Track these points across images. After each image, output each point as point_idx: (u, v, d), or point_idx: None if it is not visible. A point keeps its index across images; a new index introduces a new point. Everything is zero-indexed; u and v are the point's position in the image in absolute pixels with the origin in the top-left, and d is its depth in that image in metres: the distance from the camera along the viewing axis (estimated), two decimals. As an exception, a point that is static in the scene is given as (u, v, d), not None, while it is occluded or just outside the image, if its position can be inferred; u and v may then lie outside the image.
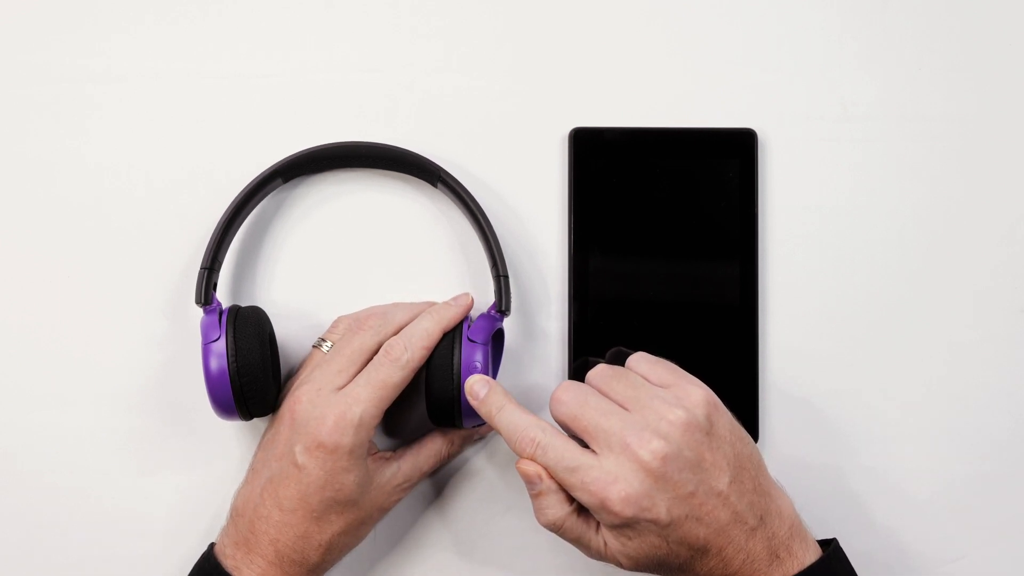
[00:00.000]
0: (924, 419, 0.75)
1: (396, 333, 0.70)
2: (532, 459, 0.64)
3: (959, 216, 0.76)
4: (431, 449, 0.73)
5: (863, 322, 0.76)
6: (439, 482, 0.76)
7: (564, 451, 0.64)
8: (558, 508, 0.65)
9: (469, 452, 0.76)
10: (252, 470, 0.70)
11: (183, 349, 0.75)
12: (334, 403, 0.66)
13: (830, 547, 0.66)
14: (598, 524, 0.65)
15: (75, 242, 0.75)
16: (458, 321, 0.70)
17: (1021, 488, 0.75)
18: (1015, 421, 0.75)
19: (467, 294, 0.72)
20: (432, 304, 0.72)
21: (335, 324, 0.72)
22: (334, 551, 0.68)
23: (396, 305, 0.73)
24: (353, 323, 0.71)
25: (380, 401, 0.67)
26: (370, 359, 0.69)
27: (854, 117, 0.76)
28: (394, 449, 0.73)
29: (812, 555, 0.64)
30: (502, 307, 0.70)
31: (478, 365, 0.68)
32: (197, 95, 0.76)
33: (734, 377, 0.75)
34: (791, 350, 0.75)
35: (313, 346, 0.72)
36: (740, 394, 0.74)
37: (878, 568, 0.75)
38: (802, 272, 0.76)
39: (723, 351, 0.75)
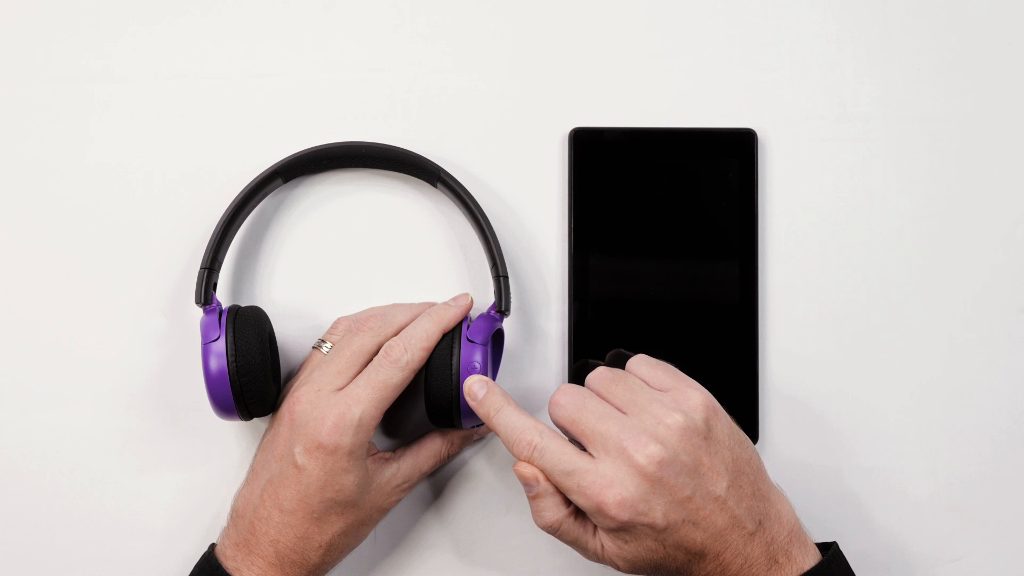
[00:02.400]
0: (923, 419, 0.75)
1: (396, 334, 0.70)
2: (529, 461, 0.64)
3: (959, 216, 0.76)
4: (430, 449, 0.73)
5: (863, 322, 0.76)
6: (439, 483, 0.76)
7: (561, 454, 0.64)
8: (555, 510, 0.65)
9: (469, 453, 0.76)
10: (252, 471, 0.70)
11: (183, 349, 0.75)
12: (334, 404, 0.66)
13: (830, 551, 0.65)
14: (595, 527, 0.65)
15: (75, 242, 0.75)
16: (458, 321, 0.70)
17: (1020, 488, 0.75)
18: (1015, 421, 0.75)
19: (466, 294, 0.72)
20: (432, 305, 0.72)
21: (335, 325, 0.72)
22: (334, 552, 0.68)
23: (396, 306, 0.73)
24: (353, 324, 0.71)
25: (380, 402, 0.67)
26: (370, 360, 0.69)
27: (854, 117, 0.76)
28: (393, 449, 0.73)
29: (811, 560, 0.64)
30: (501, 307, 0.70)
31: (477, 366, 0.68)
32: (197, 95, 0.76)
33: (734, 377, 0.75)
34: (791, 350, 0.75)
35: (313, 347, 0.72)
36: (740, 394, 0.74)
37: (877, 568, 0.75)
38: (802, 272, 0.76)
39: (723, 351, 0.75)
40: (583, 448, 0.64)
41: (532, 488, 0.64)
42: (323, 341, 0.71)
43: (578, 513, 0.65)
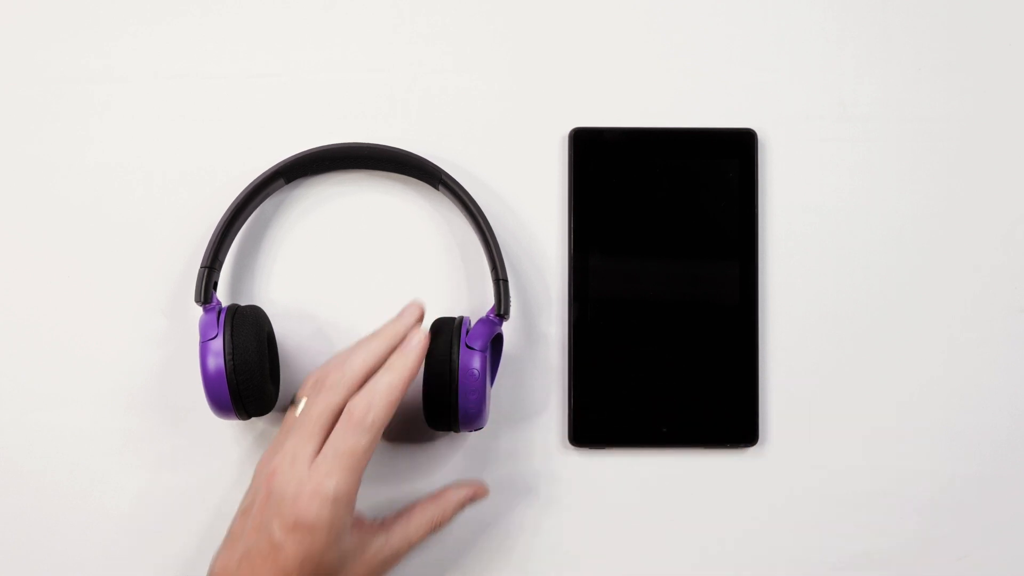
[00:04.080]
0: (924, 419, 0.75)
1: (359, 384, 0.66)
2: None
3: (959, 216, 0.76)
4: (422, 517, 0.70)
5: (862, 322, 0.76)
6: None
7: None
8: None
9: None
10: (230, 535, 0.67)
11: (183, 349, 0.75)
12: (307, 480, 0.64)
13: None
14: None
15: (76, 241, 0.75)
16: (420, 363, 0.67)
17: (1020, 488, 0.75)
18: (1015, 421, 0.75)
19: (416, 305, 0.69)
20: (398, 315, 0.69)
21: (305, 381, 0.69)
22: None
23: (354, 349, 0.68)
24: (316, 383, 0.68)
25: (351, 471, 0.64)
26: (338, 419, 0.66)
27: (854, 117, 0.76)
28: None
29: None
30: (501, 311, 0.70)
31: (475, 372, 0.68)
32: (197, 95, 0.76)
33: (734, 377, 0.75)
34: (791, 350, 0.75)
35: (290, 404, 0.70)
36: (739, 394, 0.75)
37: (878, 568, 0.75)
38: (802, 272, 0.76)
39: (723, 351, 0.75)
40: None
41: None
42: (296, 401, 0.68)
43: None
